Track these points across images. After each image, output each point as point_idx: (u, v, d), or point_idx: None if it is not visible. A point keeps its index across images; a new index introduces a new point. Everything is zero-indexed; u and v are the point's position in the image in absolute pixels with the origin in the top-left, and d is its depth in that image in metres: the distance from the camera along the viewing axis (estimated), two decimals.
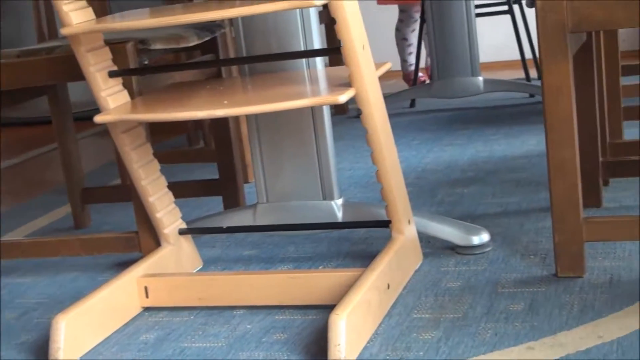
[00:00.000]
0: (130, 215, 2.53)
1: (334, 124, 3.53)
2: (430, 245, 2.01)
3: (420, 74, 4.05)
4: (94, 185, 2.85)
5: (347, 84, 1.65)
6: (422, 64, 3.75)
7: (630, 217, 1.69)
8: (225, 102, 1.67)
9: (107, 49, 1.81)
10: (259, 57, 1.79)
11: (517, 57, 3.94)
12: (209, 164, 3.05)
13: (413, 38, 3.97)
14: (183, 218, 2.01)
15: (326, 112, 1.97)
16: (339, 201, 2.01)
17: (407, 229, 1.84)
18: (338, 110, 3.74)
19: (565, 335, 1.51)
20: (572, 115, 1.64)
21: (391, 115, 3.53)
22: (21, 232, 2.65)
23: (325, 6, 1.58)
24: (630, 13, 1.54)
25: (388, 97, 3.62)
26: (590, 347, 1.46)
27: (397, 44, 4.10)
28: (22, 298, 2.07)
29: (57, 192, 3.09)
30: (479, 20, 3.82)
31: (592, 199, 2.06)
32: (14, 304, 2.03)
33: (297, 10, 1.91)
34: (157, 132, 3.79)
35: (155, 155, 1.93)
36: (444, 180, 2.54)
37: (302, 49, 1.92)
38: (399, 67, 4.09)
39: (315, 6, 1.52)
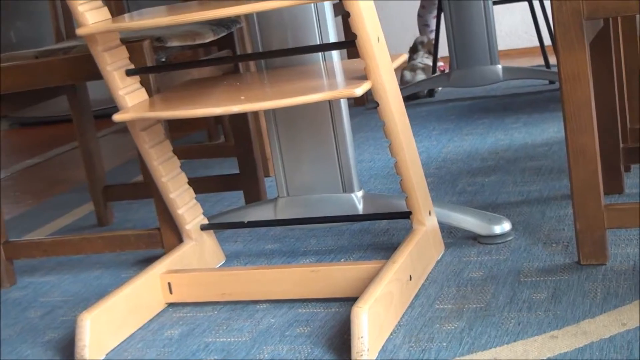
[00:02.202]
0: (153, 211, 2.55)
1: (353, 115, 3.56)
2: (452, 236, 2.01)
3: (440, 63, 4.04)
4: (116, 182, 2.86)
5: (364, 77, 1.65)
6: (445, 52, 3.72)
7: None
8: (242, 97, 1.67)
9: (123, 48, 1.82)
10: (274, 52, 1.79)
11: (536, 43, 3.93)
12: (229, 158, 3.06)
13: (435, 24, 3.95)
14: (204, 213, 2.02)
15: (344, 105, 1.97)
16: (359, 193, 2.01)
17: (428, 220, 1.84)
18: (357, 101, 3.73)
19: (588, 324, 1.50)
20: (590, 102, 1.63)
21: (410, 105, 3.56)
22: (44, 231, 2.66)
23: None
24: None
25: (407, 87, 3.63)
26: (614, 334, 1.45)
27: (420, 31, 4.09)
28: (46, 297, 2.08)
29: (79, 190, 3.11)
30: (496, 7, 3.81)
31: (614, 185, 2.04)
32: (38, 303, 2.05)
33: (312, 4, 1.91)
34: (177, 128, 3.81)
35: (176, 151, 1.94)
36: (464, 170, 2.53)
37: (318, 42, 1.92)
38: None
39: (327, 0, 1.51)
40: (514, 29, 4.63)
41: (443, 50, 3.88)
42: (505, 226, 1.92)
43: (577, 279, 1.67)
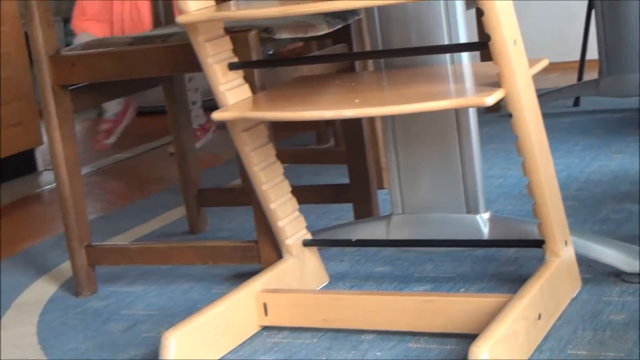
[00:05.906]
0: (251, 221, 2.58)
1: (484, 124, 3.53)
2: (591, 270, 1.98)
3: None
4: (212, 186, 2.91)
5: (496, 84, 1.64)
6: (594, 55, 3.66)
7: None
8: (357, 100, 1.69)
9: (227, 39, 1.85)
10: (395, 51, 1.80)
11: None
12: (339, 165, 3.08)
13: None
14: (308, 227, 2.04)
15: (472, 113, 1.96)
16: (485, 215, 2.00)
17: (564, 251, 1.82)
18: (489, 108, 3.71)
19: None
20: None
21: (551, 115, 3.52)
22: (130, 236, 2.73)
23: None
24: None
25: (548, 94, 3.59)
26: None
27: None
28: (129, 309, 2.14)
29: (173, 190, 3.16)
30: None
31: None
32: (120, 315, 2.10)
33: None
34: (283, 128, 3.85)
35: (280, 154, 1.96)
36: (610, 194, 2.49)
37: (446, 41, 1.92)
38: (557, 59, 4.01)
39: None
40: None
41: (592, 52, 3.82)
42: None
43: None
